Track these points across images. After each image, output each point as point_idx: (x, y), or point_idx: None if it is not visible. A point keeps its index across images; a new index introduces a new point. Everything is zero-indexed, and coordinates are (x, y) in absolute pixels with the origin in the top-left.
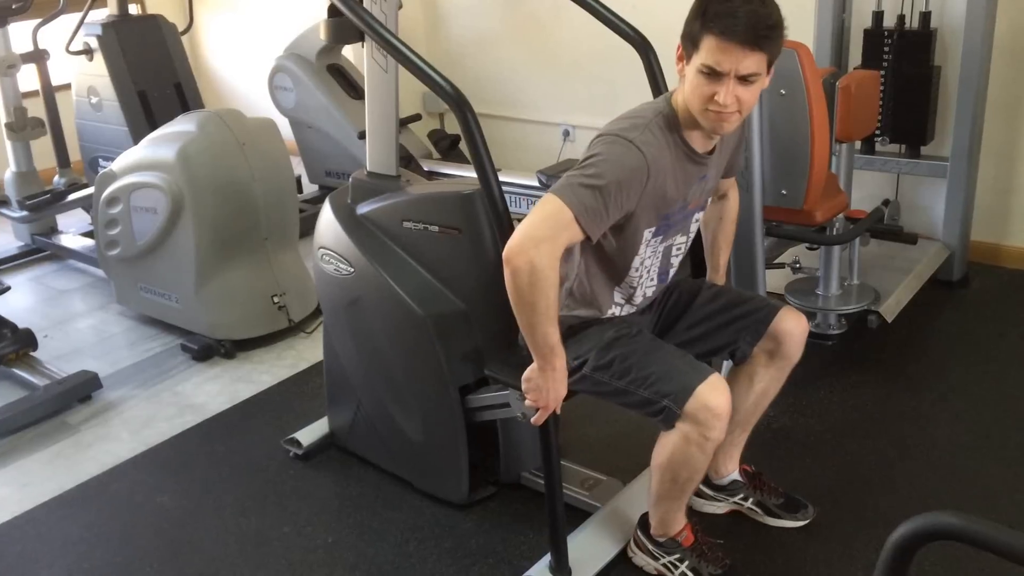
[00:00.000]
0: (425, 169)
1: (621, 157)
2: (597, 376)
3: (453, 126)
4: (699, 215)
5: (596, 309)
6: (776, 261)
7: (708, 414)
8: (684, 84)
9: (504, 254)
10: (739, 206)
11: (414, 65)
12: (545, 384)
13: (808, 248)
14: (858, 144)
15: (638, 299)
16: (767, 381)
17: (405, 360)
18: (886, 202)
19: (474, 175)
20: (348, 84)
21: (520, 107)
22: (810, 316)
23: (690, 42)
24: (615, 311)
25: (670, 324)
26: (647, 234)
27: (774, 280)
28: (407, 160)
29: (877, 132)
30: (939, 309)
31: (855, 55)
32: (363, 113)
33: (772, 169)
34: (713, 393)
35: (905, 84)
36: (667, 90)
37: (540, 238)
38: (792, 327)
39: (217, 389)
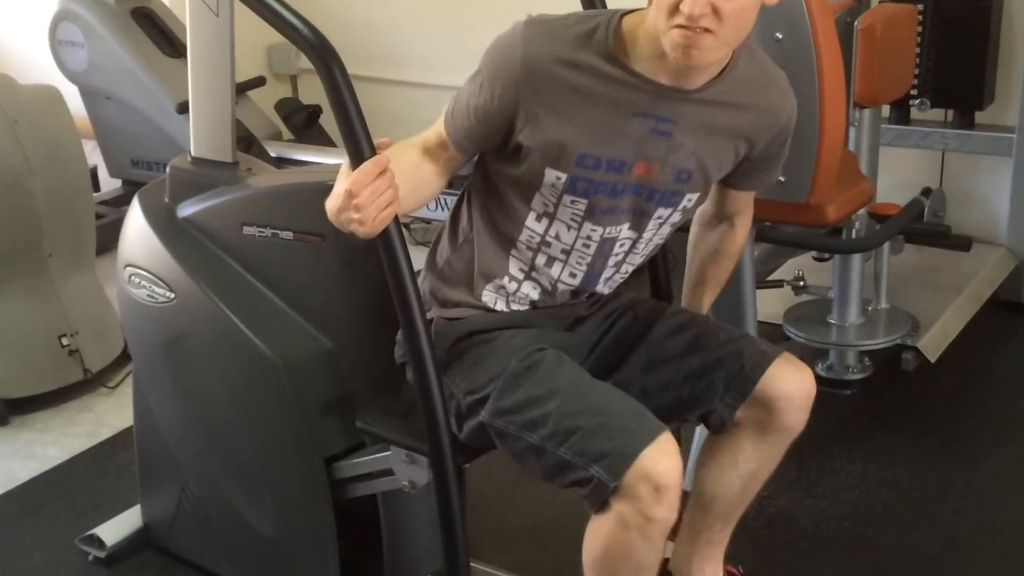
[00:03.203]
0: (272, 154)
1: (499, 39)
2: (500, 424)
3: (310, 94)
4: (664, 212)
5: (490, 278)
6: (771, 278)
7: (648, 485)
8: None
9: None
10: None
11: (259, 1)
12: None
13: (816, 259)
14: (887, 110)
15: (542, 278)
16: (758, 460)
17: (250, 422)
18: (926, 192)
19: (342, 160)
20: (162, 35)
21: (406, 66)
22: (820, 355)
23: None
24: (511, 286)
25: (615, 360)
26: (552, 177)
27: (768, 304)
28: (247, 142)
29: (913, 93)
30: (1003, 343)
31: None
32: (184, 76)
33: None
34: (658, 457)
35: (953, 24)
36: None
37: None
38: (790, 389)
39: None
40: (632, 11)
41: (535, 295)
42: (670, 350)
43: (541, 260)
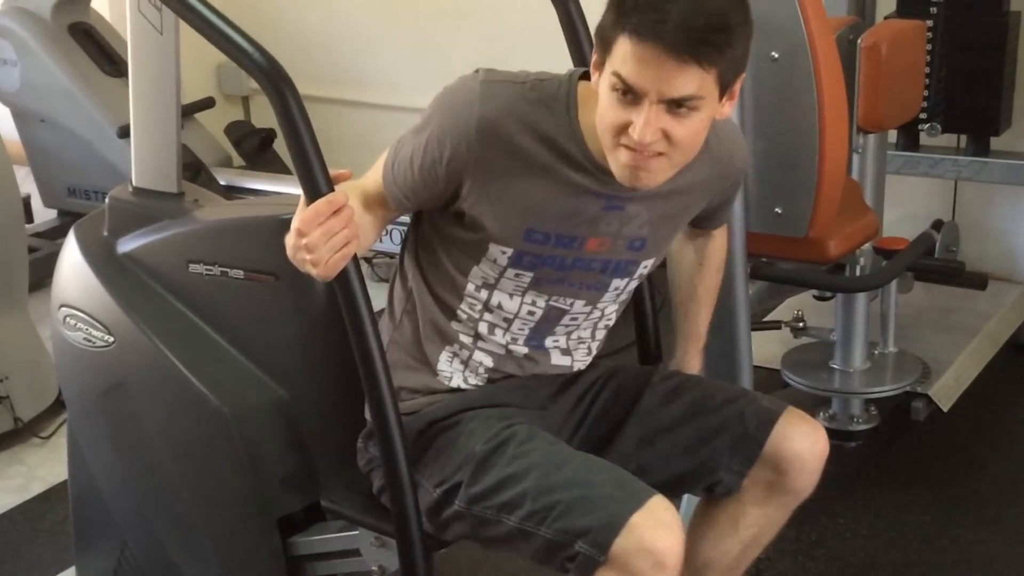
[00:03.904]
0: (221, 183)
1: (451, 92)
2: (478, 511)
3: (263, 117)
4: (620, 283)
5: (441, 343)
6: (767, 319)
7: (647, 561)
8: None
9: None
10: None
11: (205, 21)
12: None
13: (817, 298)
14: (893, 135)
15: (491, 345)
16: (761, 524)
17: (196, 478)
18: (938, 225)
19: (296, 190)
20: (102, 53)
21: (368, 86)
22: (822, 403)
23: (602, 41)
24: (464, 353)
25: (605, 436)
26: (497, 252)
27: (764, 347)
28: (194, 169)
29: (923, 116)
30: (1022, 390)
31: None
32: (125, 97)
33: (760, 177)
34: (657, 529)
35: (965, 41)
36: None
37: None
38: (801, 448)
39: None
40: (585, 75)
41: (489, 362)
42: (664, 420)
43: (484, 328)
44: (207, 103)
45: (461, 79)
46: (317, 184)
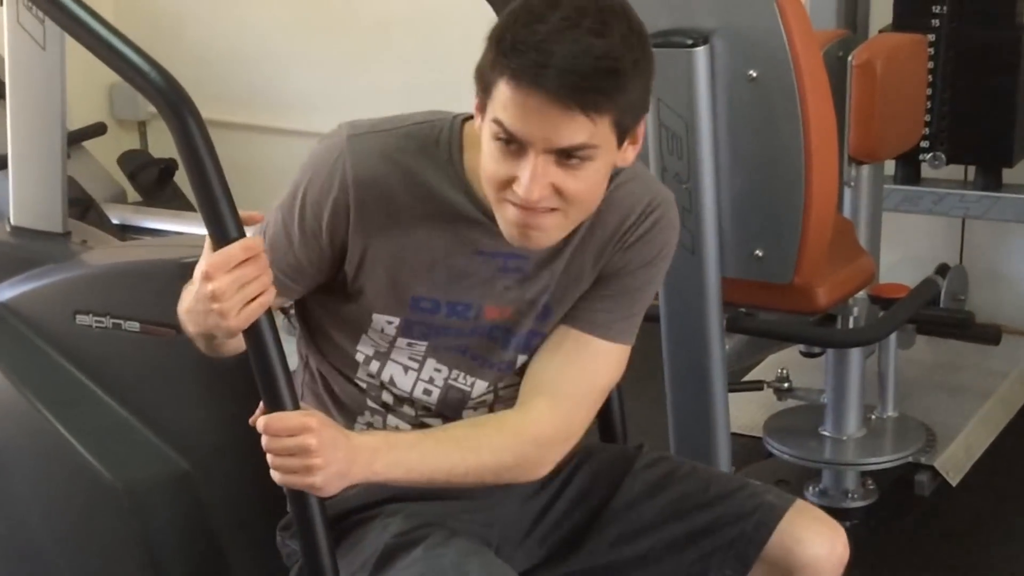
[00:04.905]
0: (114, 221)
1: (317, 156)
2: None
3: (162, 145)
4: (522, 359)
5: (352, 415)
6: (747, 378)
7: None
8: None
9: None
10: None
11: (93, 35)
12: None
13: (805, 354)
14: (890, 166)
15: (402, 419)
16: None
17: (84, 566)
18: (943, 269)
19: (201, 229)
20: None
21: (283, 109)
22: (811, 476)
23: (482, 83)
24: (377, 420)
25: (577, 530)
26: (382, 321)
27: (744, 411)
28: (82, 206)
29: (924, 145)
30: None
31: (882, 9)
32: (2, 123)
33: (737, 215)
34: None
35: (973, 57)
36: None
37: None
38: (819, 553)
39: None
40: (471, 117)
41: (408, 429)
42: (647, 517)
43: (389, 398)
44: (98, 129)
45: (325, 138)
46: (224, 223)
